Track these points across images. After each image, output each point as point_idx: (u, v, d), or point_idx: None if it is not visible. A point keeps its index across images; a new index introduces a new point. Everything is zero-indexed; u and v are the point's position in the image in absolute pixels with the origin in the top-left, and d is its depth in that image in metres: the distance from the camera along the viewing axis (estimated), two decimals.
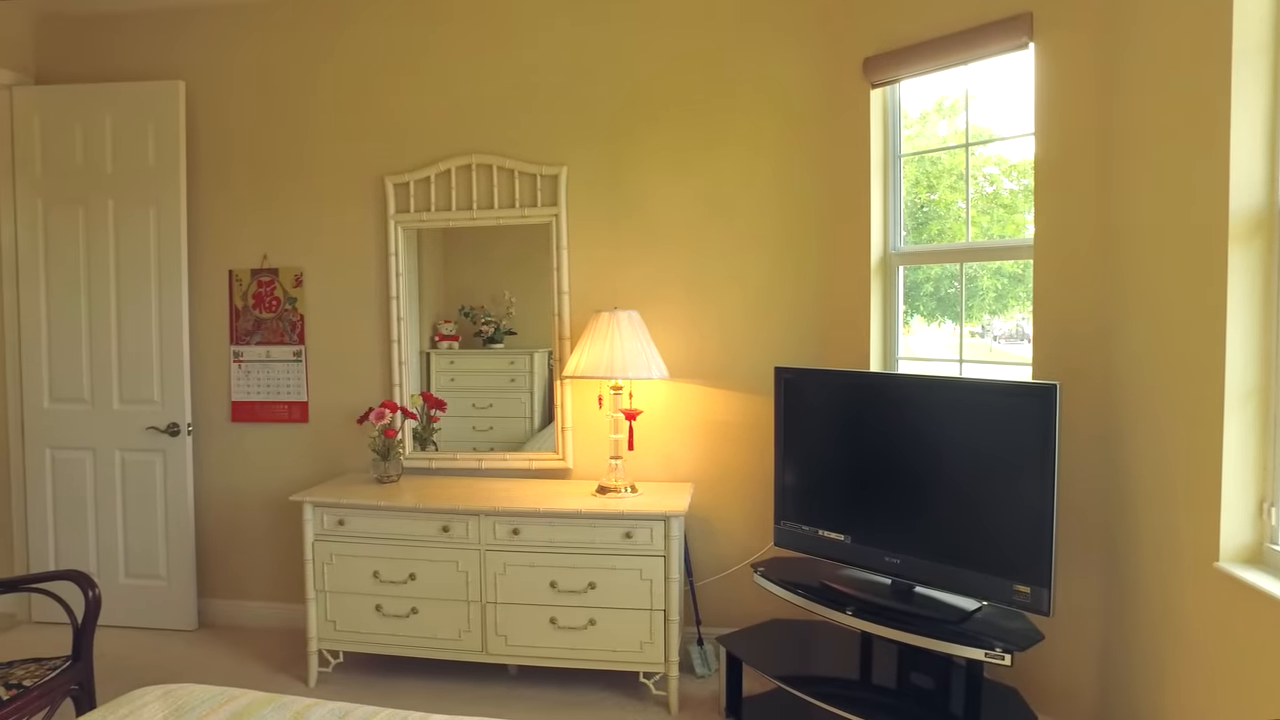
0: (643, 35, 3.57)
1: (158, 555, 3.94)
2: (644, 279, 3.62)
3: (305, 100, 3.86)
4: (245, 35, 3.90)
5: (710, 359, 3.58)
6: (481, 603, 3.18)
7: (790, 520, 3.05)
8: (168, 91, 3.83)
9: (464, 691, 3.28)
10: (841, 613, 2.64)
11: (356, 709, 2.03)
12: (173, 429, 3.88)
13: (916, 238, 3.36)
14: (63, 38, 4.05)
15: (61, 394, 3.97)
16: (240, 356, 3.96)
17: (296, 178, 3.88)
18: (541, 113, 3.65)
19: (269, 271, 3.92)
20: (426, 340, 3.83)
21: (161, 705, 2.05)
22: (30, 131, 3.92)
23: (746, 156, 3.52)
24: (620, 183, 3.61)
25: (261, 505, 3.99)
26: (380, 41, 3.78)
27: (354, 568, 3.27)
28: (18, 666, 2.56)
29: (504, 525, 3.16)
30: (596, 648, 3.12)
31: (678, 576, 3.08)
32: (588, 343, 3.28)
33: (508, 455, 3.70)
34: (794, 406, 3.06)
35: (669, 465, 3.62)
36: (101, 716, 2.01)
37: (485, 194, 3.68)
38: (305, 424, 3.92)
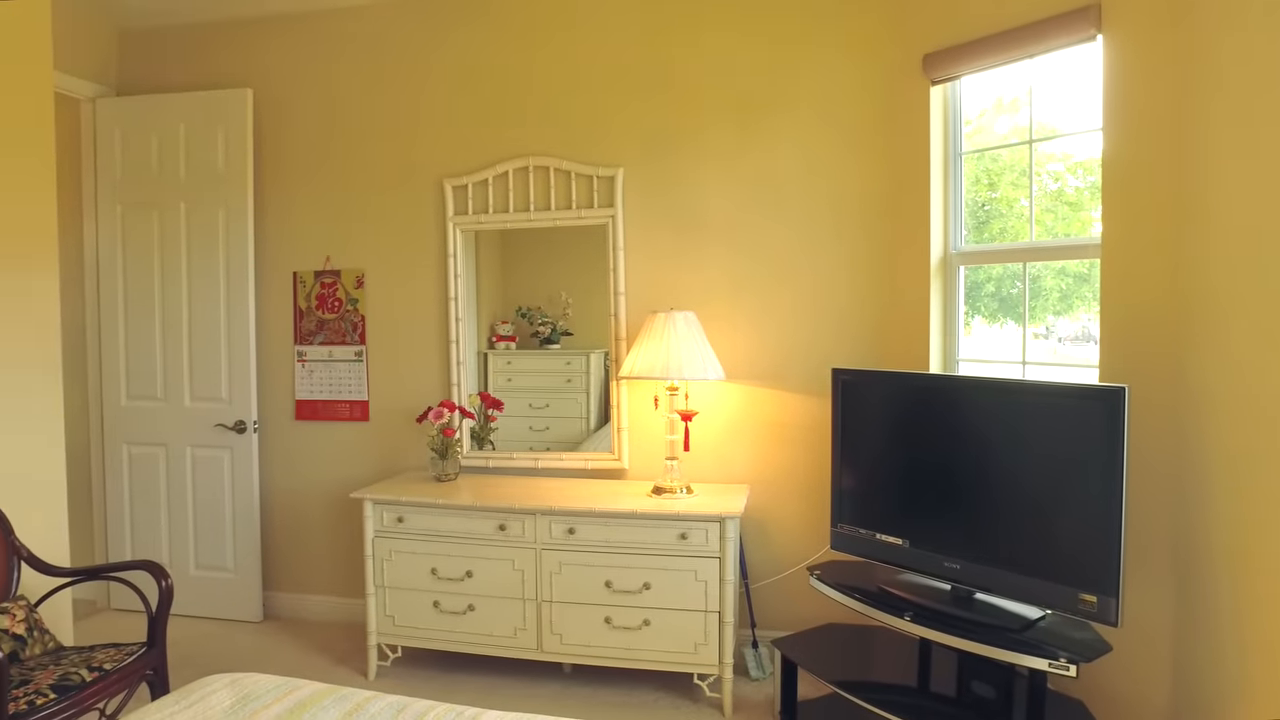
0: (697, 37, 3.56)
1: (225, 548, 4.07)
2: (700, 280, 3.61)
3: (366, 105, 3.94)
4: (309, 44, 4.00)
5: (766, 360, 3.56)
6: (537, 601, 3.21)
7: (847, 523, 3.01)
8: (236, 99, 3.95)
9: (519, 689, 3.32)
10: (899, 618, 2.60)
11: (413, 703, 2.07)
12: (240, 426, 4.00)
13: (978, 237, 3.29)
14: (141, 50, 4.21)
15: (137, 391, 4.13)
16: (304, 356, 4.07)
17: (358, 181, 3.97)
18: (598, 115, 3.67)
19: (332, 273, 4.02)
20: (484, 341, 3.89)
21: (229, 693, 2.12)
22: (111, 140, 4.09)
23: (802, 157, 3.49)
24: (676, 184, 3.61)
25: (323, 501, 4.09)
26: (438, 48, 3.84)
27: (412, 564, 3.33)
28: (99, 650, 2.67)
29: (560, 524, 3.18)
30: (651, 648, 3.12)
31: (733, 578, 3.07)
32: (644, 343, 3.29)
33: (564, 455, 3.73)
34: (851, 408, 3.02)
35: (724, 466, 3.61)
36: (174, 701, 2.08)
37: (542, 195, 3.72)
38: (366, 422, 4.00)
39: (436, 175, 3.85)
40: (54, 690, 2.37)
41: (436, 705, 2.06)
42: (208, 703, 2.07)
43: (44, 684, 2.38)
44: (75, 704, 2.40)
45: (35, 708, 2.30)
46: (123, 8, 3.95)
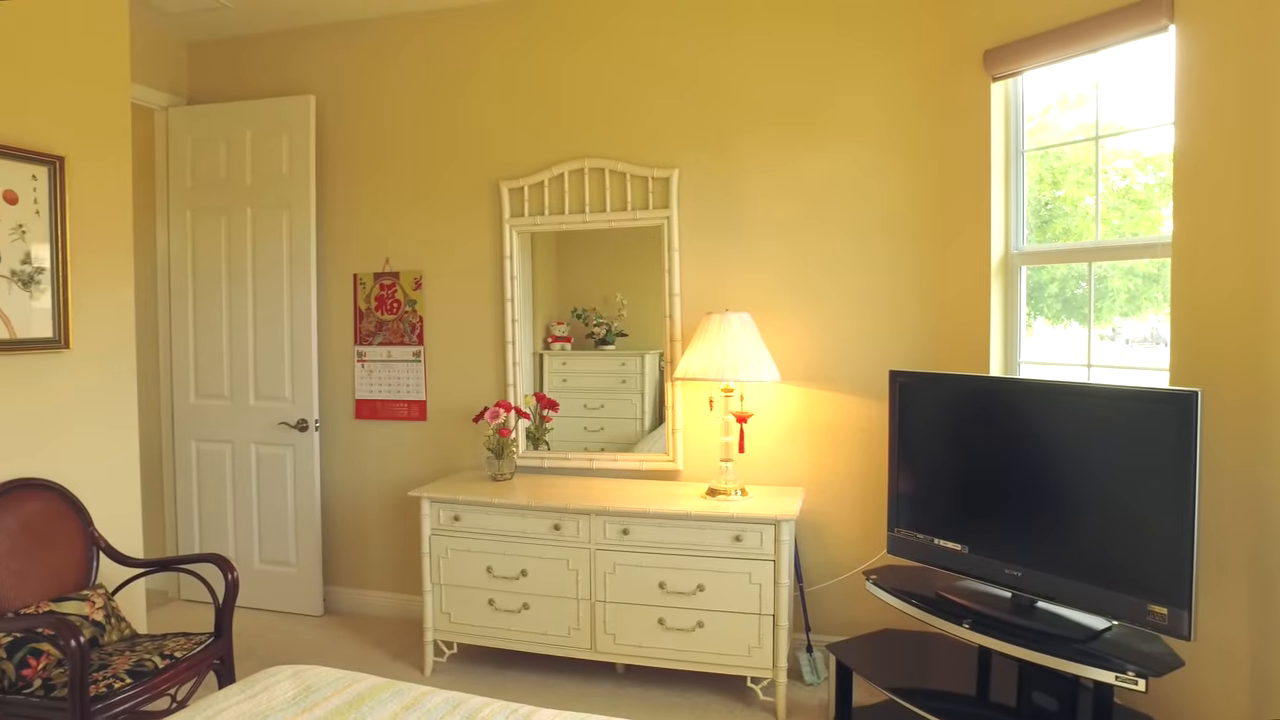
0: (752, 39, 3.55)
1: (288, 543, 4.17)
2: (755, 280, 3.59)
3: (424, 109, 4.01)
4: (370, 51, 4.09)
5: (821, 361, 3.53)
6: (591, 601, 3.23)
7: (905, 528, 2.97)
8: (300, 106, 4.06)
9: (572, 687, 3.34)
10: (958, 625, 2.55)
11: (469, 699, 2.09)
12: (302, 424, 4.10)
13: (1040, 236, 3.22)
14: (210, 61, 4.35)
15: (205, 390, 4.26)
16: (364, 356, 4.15)
17: (416, 183, 4.04)
18: (652, 117, 3.68)
19: (390, 275, 4.10)
20: (540, 341, 3.92)
21: (292, 684, 2.17)
22: (183, 148, 4.23)
23: (856, 157, 3.45)
24: (731, 184, 3.60)
25: (382, 499, 4.16)
26: (495, 53, 3.89)
27: (468, 562, 3.37)
28: (170, 639, 2.76)
29: (614, 525, 3.19)
30: (704, 650, 3.11)
31: (787, 581, 3.04)
32: (699, 344, 3.28)
33: (618, 456, 3.74)
34: (909, 411, 2.97)
35: (779, 468, 3.58)
36: (240, 690, 2.14)
37: (597, 197, 3.74)
38: (424, 422, 4.07)
39: (493, 177, 3.90)
40: (130, 675, 2.46)
41: (491, 702, 2.08)
42: (271, 693, 2.12)
43: (121, 669, 2.47)
44: (149, 689, 2.49)
45: (113, 691, 2.40)
46: (193, 22, 4.09)
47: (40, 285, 2.89)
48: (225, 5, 3.89)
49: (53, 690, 2.42)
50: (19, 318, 2.82)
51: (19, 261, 2.82)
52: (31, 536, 2.75)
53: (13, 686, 2.46)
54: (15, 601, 2.65)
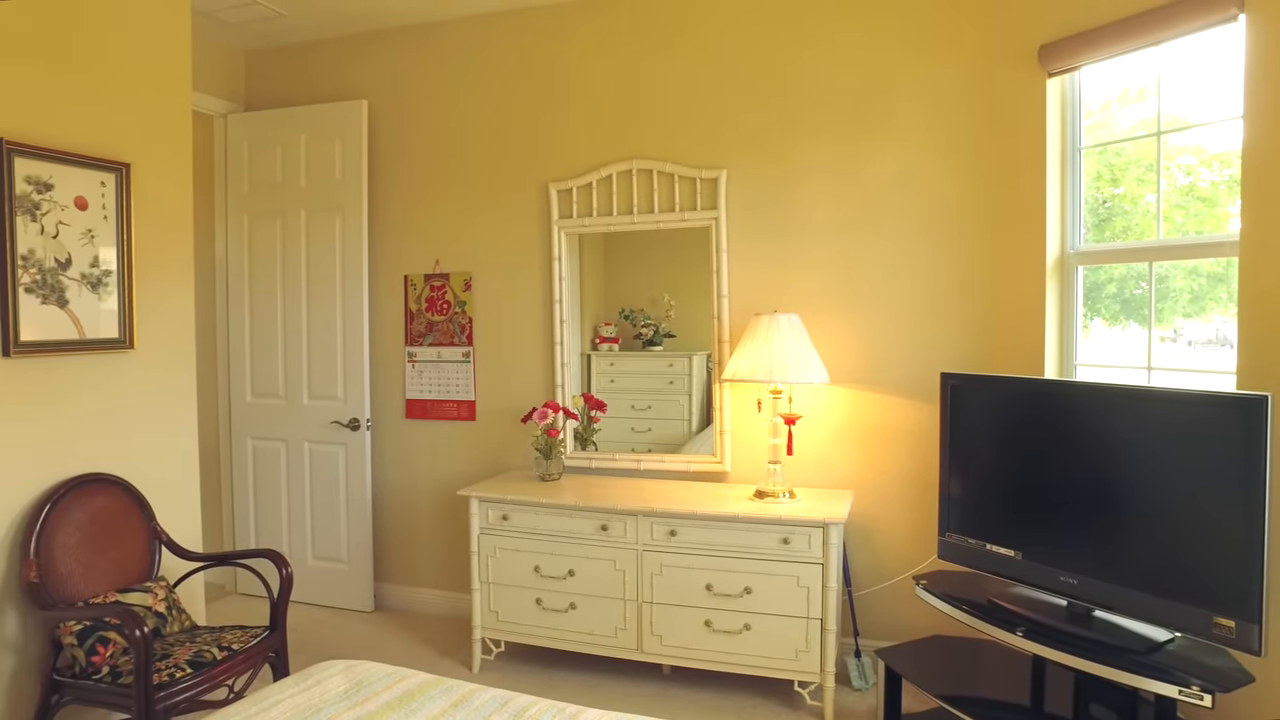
0: (800, 37, 3.52)
1: (340, 540, 4.25)
2: (804, 281, 3.57)
3: (474, 112, 4.06)
4: (420, 55, 4.15)
5: (871, 363, 3.49)
6: (638, 602, 3.23)
7: (956, 532, 2.92)
8: (352, 110, 4.13)
9: (618, 688, 3.34)
10: (1011, 633, 2.49)
11: (516, 697, 2.11)
12: (354, 424, 4.17)
13: (1098, 235, 3.14)
14: (266, 68, 4.46)
15: (261, 389, 4.36)
16: (414, 357, 4.21)
17: (466, 185, 4.09)
18: (700, 118, 3.68)
19: (440, 276, 4.15)
20: (587, 342, 3.94)
21: (344, 678, 2.21)
22: (240, 153, 4.34)
23: (906, 156, 3.41)
24: (780, 184, 3.58)
25: (432, 498, 4.22)
26: (544, 55, 3.92)
27: (516, 561, 3.40)
28: (228, 631, 2.83)
29: (661, 526, 3.19)
30: (751, 653, 3.10)
31: (835, 585, 3.01)
32: (747, 346, 3.27)
33: (666, 457, 3.74)
34: (961, 413, 2.92)
35: (827, 471, 3.55)
36: (295, 683, 2.19)
37: (645, 198, 3.75)
38: (473, 422, 4.11)
39: (541, 179, 3.93)
40: (190, 665, 2.53)
41: (538, 701, 2.09)
42: (324, 686, 2.16)
43: (182, 659, 2.55)
44: (207, 679, 2.56)
45: (175, 680, 2.47)
46: (250, 31, 4.20)
47: (107, 287, 2.99)
48: (281, 14, 3.98)
49: (119, 677, 2.50)
50: (88, 319, 2.92)
51: (88, 265, 2.91)
52: (99, 529, 2.85)
53: (83, 672, 2.55)
54: (84, 591, 2.74)
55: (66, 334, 2.85)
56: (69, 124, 2.86)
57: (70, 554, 2.74)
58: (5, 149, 2.64)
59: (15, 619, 2.68)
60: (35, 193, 2.74)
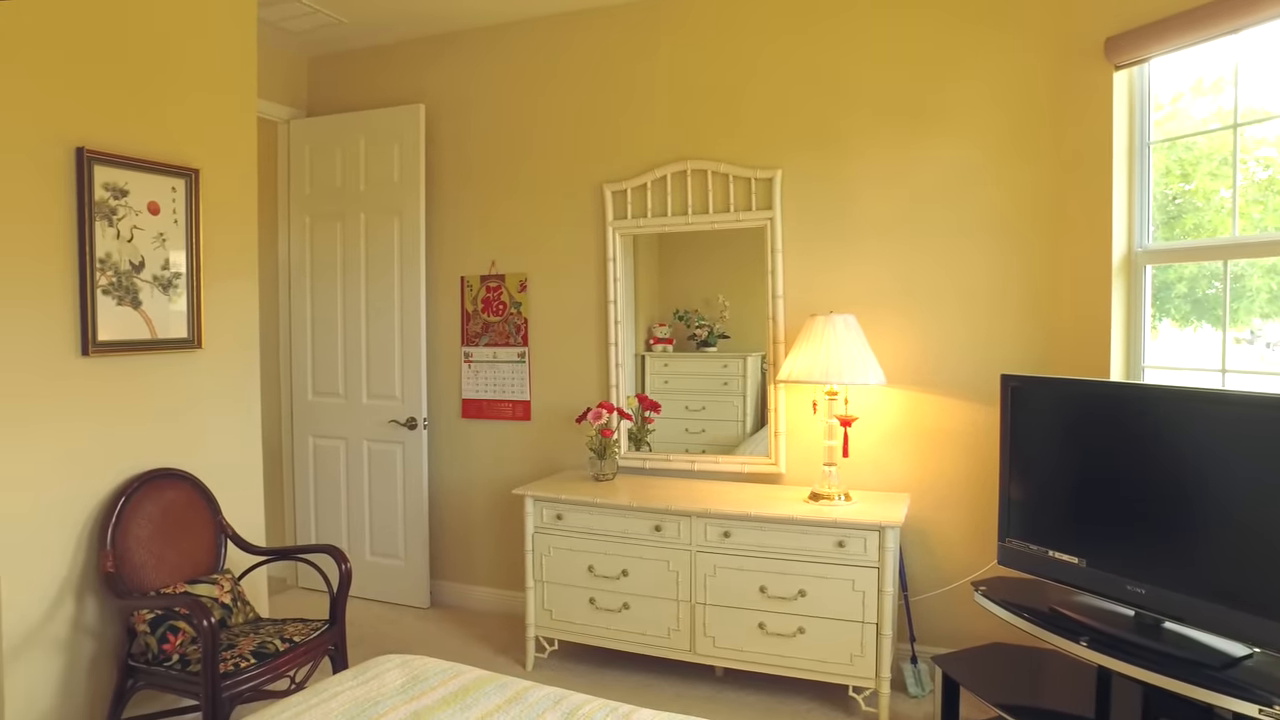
0: (854, 37, 3.48)
1: (397, 537, 4.33)
2: (859, 282, 3.52)
3: (529, 114, 4.10)
4: (476, 59, 4.21)
5: (928, 364, 3.43)
6: (691, 603, 3.22)
7: (1016, 538, 2.85)
8: (410, 115, 4.21)
9: (670, 689, 3.34)
10: (1074, 643, 2.42)
11: (569, 696, 2.12)
12: (411, 423, 4.24)
13: (1168, 233, 3.04)
14: (328, 74, 4.56)
15: (321, 388, 4.47)
16: (470, 357, 4.27)
17: (522, 187, 4.13)
18: (755, 118, 3.66)
19: (496, 277, 4.20)
20: (642, 343, 3.94)
21: (400, 673, 2.25)
22: (303, 158, 4.45)
23: (964, 154, 3.34)
24: (835, 183, 3.54)
25: (487, 496, 4.27)
26: (598, 58, 3.94)
27: (570, 561, 3.42)
28: (289, 624, 2.91)
29: (715, 527, 3.18)
30: (805, 656, 3.07)
31: (891, 590, 2.97)
32: (802, 346, 3.24)
33: (720, 458, 3.72)
34: (1022, 416, 2.85)
35: (884, 474, 3.50)
36: (353, 676, 2.24)
37: (700, 199, 3.74)
38: (528, 422, 4.15)
39: (596, 181, 3.95)
40: (254, 656, 2.60)
41: (591, 700, 2.10)
42: (382, 680, 2.20)
43: (246, 650, 2.62)
44: (270, 670, 2.62)
45: (239, 670, 2.54)
46: (313, 38, 4.30)
47: (177, 289, 3.09)
48: (342, 21, 4.07)
49: (188, 665, 2.59)
50: (159, 319, 3.02)
51: (160, 267, 3.02)
52: (170, 522, 2.95)
53: (155, 659, 2.65)
54: (156, 581, 2.84)
55: (139, 334, 2.95)
56: (143, 133, 2.97)
57: (143, 545, 2.84)
58: (86, 158, 2.75)
59: (94, 606, 2.80)
60: (112, 199, 2.84)
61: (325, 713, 2.00)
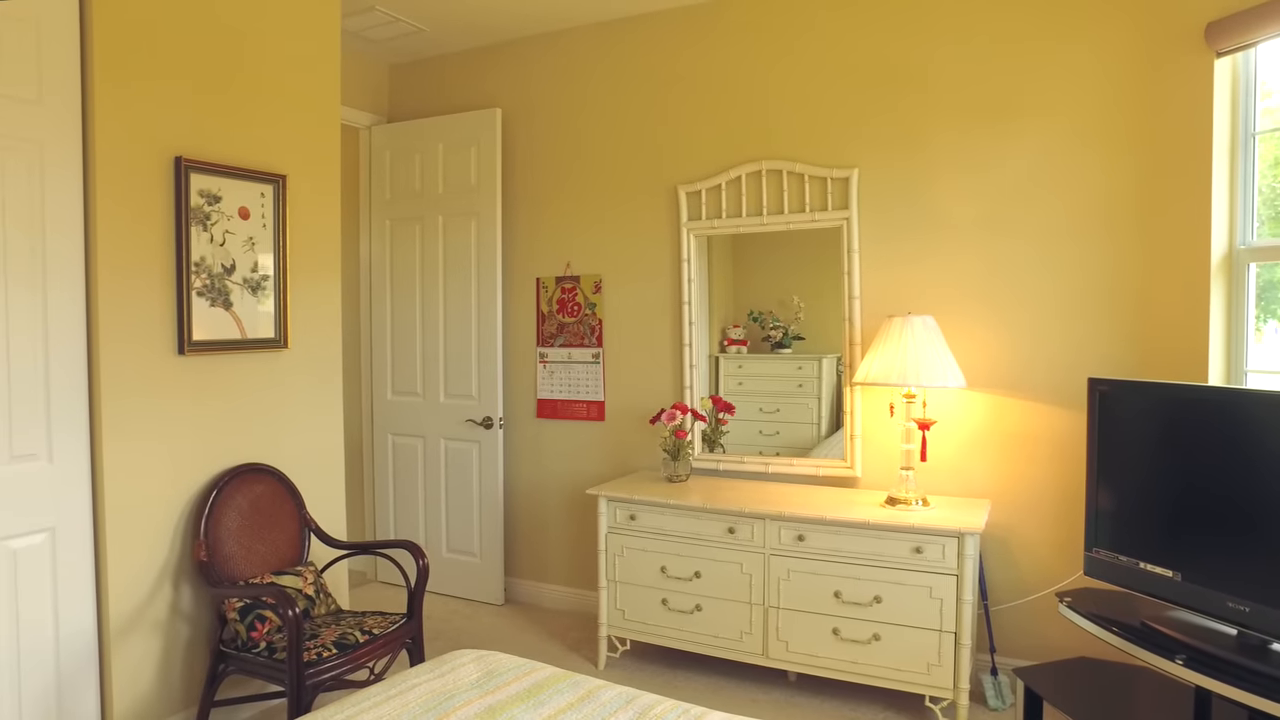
0: (931, 29, 3.40)
1: (472, 534, 4.40)
2: (939, 282, 3.44)
3: (604, 116, 4.12)
4: (550, 63, 4.25)
5: (1010, 367, 3.32)
6: (764, 606, 3.20)
7: (1104, 548, 2.74)
8: (487, 119, 4.28)
9: (742, 692, 3.32)
10: (1169, 661, 2.32)
11: (641, 696, 2.12)
12: (487, 422, 4.31)
13: (1274, 229, 2.88)
14: (408, 80, 4.68)
15: (400, 388, 4.58)
16: (545, 358, 4.32)
17: (596, 189, 4.16)
18: (830, 117, 3.61)
19: (571, 279, 4.24)
20: (715, 344, 3.92)
21: (475, 667, 2.29)
22: (384, 163, 4.57)
23: (1049, 146, 3.23)
24: (914, 182, 3.47)
25: (561, 496, 4.31)
26: (672, 59, 3.94)
27: (643, 561, 3.43)
28: (369, 616, 2.99)
29: (789, 531, 3.15)
30: (880, 664, 3.01)
31: (971, 598, 2.89)
32: (879, 348, 3.18)
33: (794, 460, 3.68)
34: (1111, 421, 2.74)
35: (963, 479, 3.41)
36: (430, 669, 2.28)
37: (775, 199, 3.70)
38: (602, 422, 4.18)
39: (671, 182, 3.95)
40: (336, 646, 2.68)
41: (663, 700, 2.10)
42: (457, 674, 2.24)
43: (328, 640, 2.70)
44: (351, 660, 2.70)
45: (322, 659, 2.62)
46: (394, 46, 4.42)
47: (265, 291, 3.20)
48: (422, 29, 4.17)
49: (274, 653, 2.68)
50: (248, 320, 3.14)
51: (249, 270, 3.14)
52: (258, 515, 3.06)
53: (244, 646, 2.75)
54: (244, 571, 2.95)
55: (230, 334, 3.08)
56: (234, 141, 3.09)
57: (233, 536, 2.96)
58: (184, 166, 2.88)
59: (189, 593, 2.93)
60: (206, 204, 2.97)
61: (403, 704, 2.05)
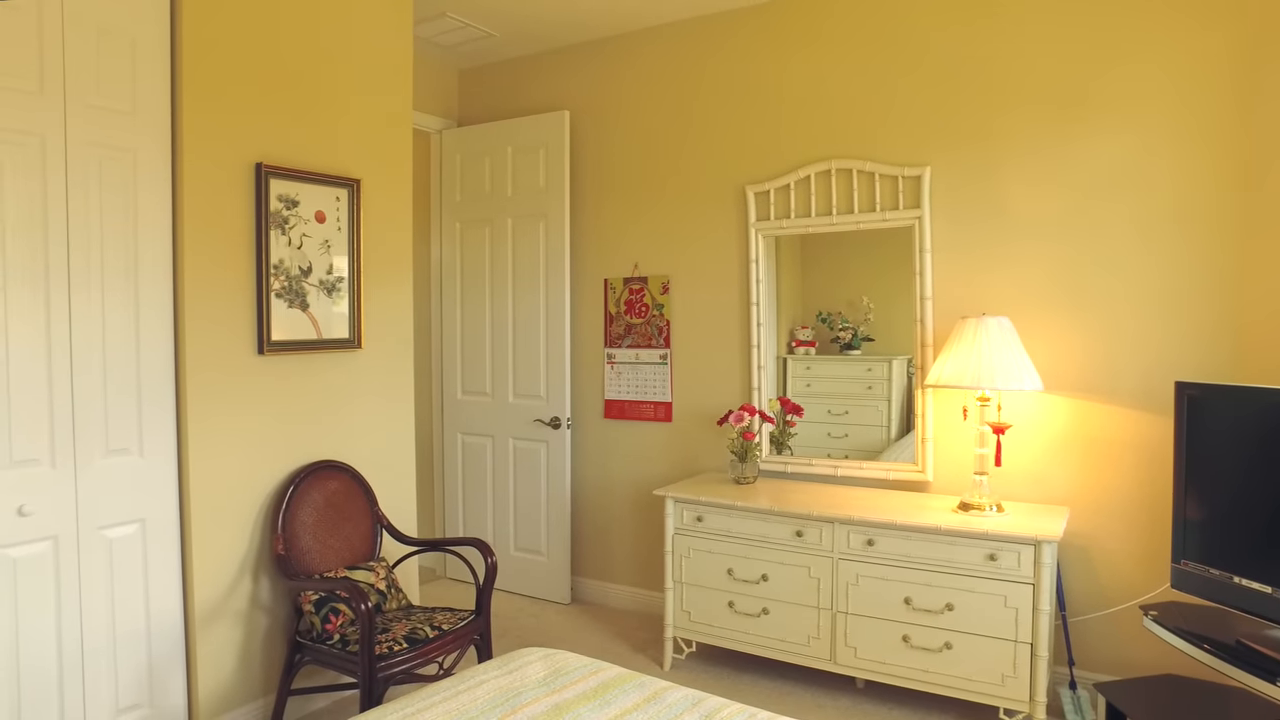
0: (1006, 22, 3.30)
1: (540, 533, 4.45)
2: (1015, 283, 3.34)
3: (671, 117, 4.12)
4: (618, 64, 4.27)
5: (1091, 370, 3.21)
6: (832, 611, 3.15)
7: (1194, 560, 2.62)
8: (555, 121, 4.32)
9: (809, 698, 3.27)
10: (1270, 683, 2.20)
11: (707, 698, 2.11)
12: (555, 422, 4.35)
13: None
14: (477, 84, 4.75)
15: (470, 387, 4.65)
16: (613, 358, 4.34)
17: (663, 190, 4.16)
18: (902, 114, 3.53)
19: (639, 279, 4.25)
20: (783, 346, 3.88)
21: (543, 665, 2.30)
22: (454, 166, 4.66)
23: (1136, 138, 3.10)
24: (988, 179, 3.37)
25: (627, 496, 4.32)
26: (739, 59, 3.92)
27: (709, 563, 3.41)
28: (438, 612, 3.04)
29: (858, 535, 3.09)
30: (952, 673, 2.94)
31: (1048, 608, 2.79)
32: (952, 350, 3.10)
33: (863, 464, 3.62)
34: (1201, 427, 2.62)
35: (1039, 485, 3.30)
36: (498, 666, 2.31)
37: (844, 198, 3.65)
38: (668, 423, 4.17)
39: (738, 182, 3.93)
40: (406, 641, 2.74)
41: (730, 704, 2.08)
42: (524, 671, 2.26)
43: (399, 634, 2.76)
44: (421, 655, 2.75)
45: (393, 653, 2.68)
46: (464, 51, 4.49)
47: (340, 292, 3.29)
48: (492, 34, 4.23)
49: (347, 645, 2.75)
50: (324, 321, 3.23)
51: (325, 272, 3.22)
52: (332, 511, 3.14)
53: (319, 637, 2.83)
54: (320, 565, 3.04)
55: (307, 334, 3.17)
56: (311, 148, 3.18)
57: (309, 531, 3.04)
58: (264, 172, 2.98)
59: (268, 585, 3.03)
60: (284, 209, 3.06)
61: (472, 699, 2.08)
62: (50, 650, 2.51)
